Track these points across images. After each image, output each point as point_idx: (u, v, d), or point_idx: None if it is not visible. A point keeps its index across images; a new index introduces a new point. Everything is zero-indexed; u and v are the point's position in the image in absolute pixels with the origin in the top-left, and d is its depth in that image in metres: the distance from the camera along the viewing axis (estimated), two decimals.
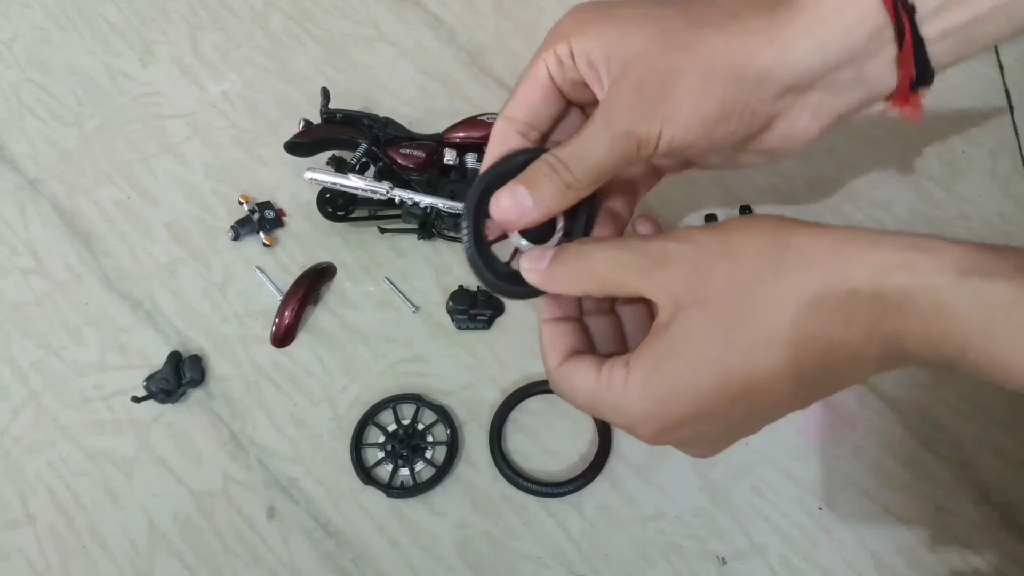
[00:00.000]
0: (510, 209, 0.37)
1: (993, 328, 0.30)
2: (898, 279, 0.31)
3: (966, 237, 0.55)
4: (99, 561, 0.51)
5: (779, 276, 0.33)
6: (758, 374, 0.33)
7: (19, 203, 0.62)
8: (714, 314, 0.33)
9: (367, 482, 0.51)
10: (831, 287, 0.32)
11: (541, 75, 0.39)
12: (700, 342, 0.34)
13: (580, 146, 0.37)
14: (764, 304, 0.33)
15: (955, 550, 0.48)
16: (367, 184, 0.54)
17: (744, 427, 0.37)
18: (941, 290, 0.31)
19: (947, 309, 0.31)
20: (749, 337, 0.33)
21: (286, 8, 0.68)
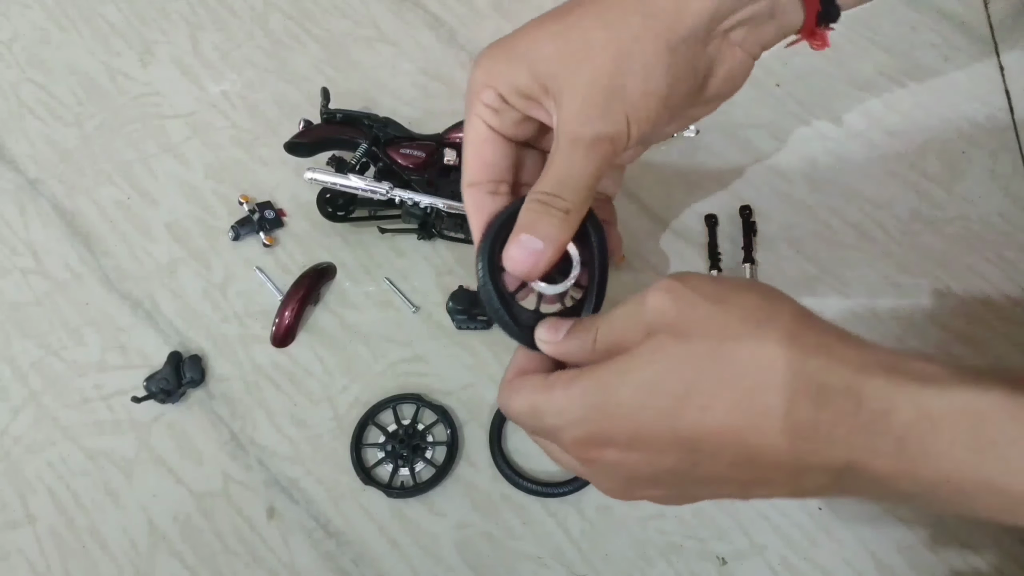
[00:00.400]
0: (524, 259, 0.37)
1: (982, 436, 0.29)
2: (879, 385, 0.30)
3: (966, 237, 0.56)
4: (99, 561, 0.51)
5: (753, 341, 0.32)
6: (703, 421, 0.32)
7: (19, 203, 0.62)
8: (681, 350, 0.32)
9: (367, 482, 0.51)
10: (800, 374, 0.31)
11: (482, 131, 0.40)
12: (659, 368, 0.32)
13: (560, 171, 0.37)
14: (739, 360, 0.32)
15: (955, 550, 0.48)
16: (367, 184, 0.54)
17: (672, 484, 0.35)
18: (925, 402, 0.30)
19: (930, 423, 0.30)
20: (704, 383, 0.32)
21: (286, 8, 0.68)
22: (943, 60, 0.63)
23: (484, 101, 0.39)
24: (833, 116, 0.61)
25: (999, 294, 0.54)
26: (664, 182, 0.60)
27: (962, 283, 0.55)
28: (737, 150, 0.60)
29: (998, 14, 0.65)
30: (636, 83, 0.36)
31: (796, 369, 0.31)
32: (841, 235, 0.57)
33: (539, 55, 0.37)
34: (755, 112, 0.62)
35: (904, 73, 0.62)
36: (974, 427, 0.29)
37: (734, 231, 0.57)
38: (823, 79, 0.63)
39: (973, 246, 0.56)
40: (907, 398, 0.30)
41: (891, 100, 0.62)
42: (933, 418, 0.30)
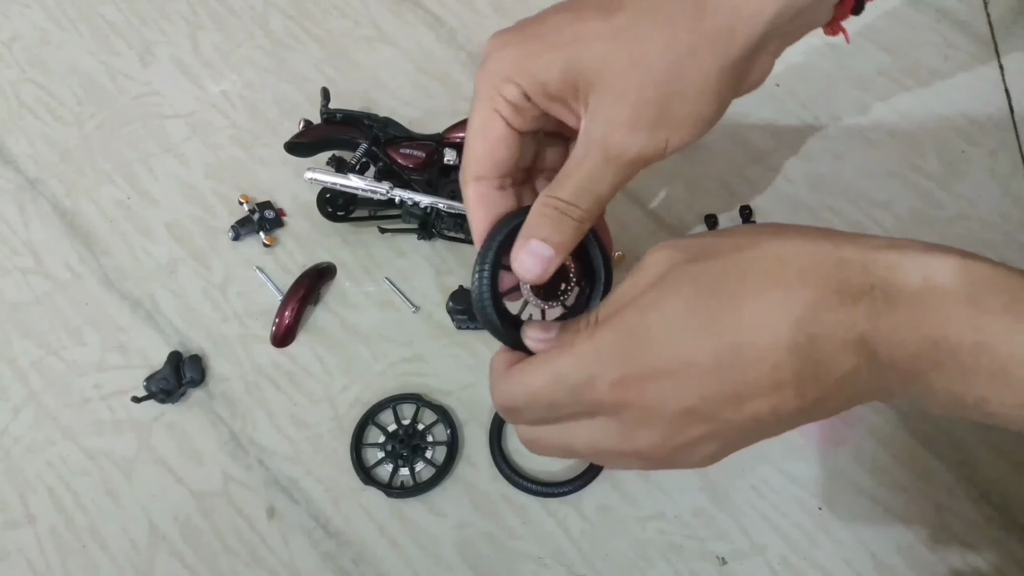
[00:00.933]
0: (533, 266, 0.36)
1: (982, 309, 0.30)
2: (885, 257, 0.31)
3: (966, 237, 0.56)
4: (99, 561, 0.51)
5: (772, 239, 0.32)
6: (741, 326, 0.31)
7: (19, 203, 0.62)
8: (704, 266, 0.32)
9: (367, 482, 0.51)
10: (819, 257, 0.32)
11: (498, 129, 0.38)
12: (687, 288, 0.32)
13: (583, 180, 0.36)
14: (754, 262, 0.32)
15: (955, 550, 0.48)
16: (367, 184, 0.54)
17: (724, 410, 0.32)
18: (930, 269, 0.31)
19: (933, 289, 0.31)
20: (737, 289, 0.31)
21: (286, 8, 0.68)
22: (943, 60, 0.63)
23: (506, 96, 0.37)
24: (833, 116, 0.61)
25: None
26: (664, 182, 0.60)
27: None
28: (737, 150, 0.60)
29: (998, 14, 0.65)
30: (686, 103, 0.35)
31: (823, 253, 0.32)
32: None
33: (583, 54, 0.35)
34: (755, 112, 0.62)
35: (904, 73, 0.62)
36: (970, 292, 0.30)
37: None
38: (823, 79, 0.63)
39: (973, 246, 0.55)
40: (914, 264, 0.31)
41: (891, 100, 0.62)
42: (934, 286, 0.31)
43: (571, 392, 0.34)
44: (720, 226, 0.57)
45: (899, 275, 0.31)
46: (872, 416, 0.51)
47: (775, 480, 0.50)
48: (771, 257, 0.32)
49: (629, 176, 0.37)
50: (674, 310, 0.32)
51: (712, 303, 0.32)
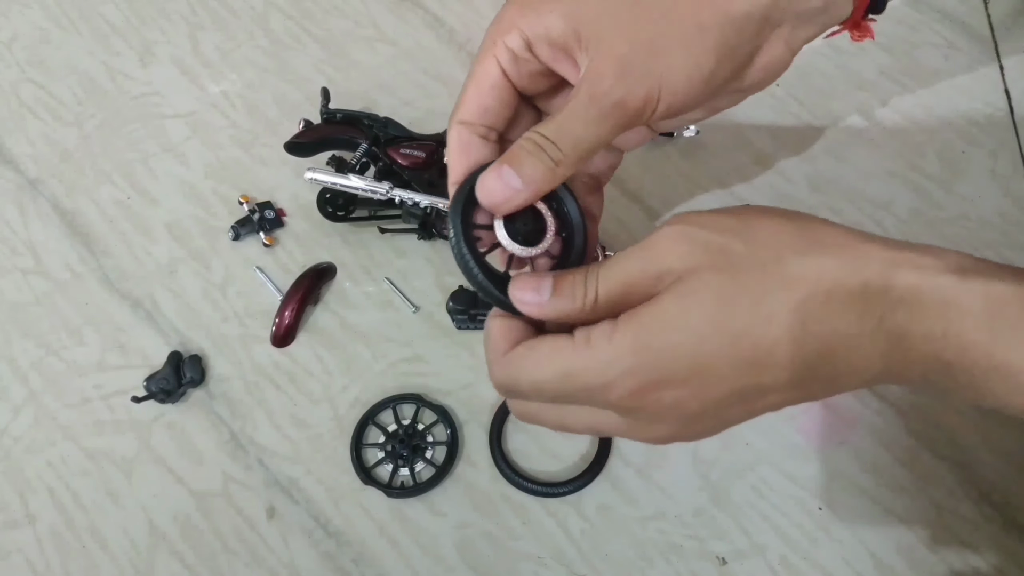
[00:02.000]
0: (497, 191, 0.35)
1: (996, 325, 0.30)
2: (906, 276, 0.31)
3: (966, 237, 0.56)
4: (99, 561, 0.51)
5: (796, 258, 0.32)
6: (764, 343, 0.32)
7: (19, 203, 0.62)
8: (728, 279, 0.32)
9: (367, 482, 0.51)
10: (843, 278, 0.32)
11: (493, 73, 0.37)
12: (710, 301, 0.32)
13: (567, 121, 0.35)
14: (779, 281, 0.32)
15: (955, 550, 0.48)
16: (367, 184, 0.54)
17: (731, 408, 0.34)
18: (946, 288, 0.31)
19: (952, 306, 0.31)
20: (761, 307, 0.32)
21: (286, 8, 0.68)
22: (943, 60, 0.63)
23: (507, 43, 0.36)
24: (833, 116, 0.61)
25: None
26: (664, 182, 0.60)
27: None
28: (737, 150, 0.60)
29: (998, 14, 0.65)
30: (680, 52, 0.34)
31: (835, 280, 0.32)
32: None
33: (582, 7, 0.35)
34: (755, 112, 0.62)
35: (904, 73, 0.63)
36: (990, 311, 0.30)
37: None
38: (823, 79, 0.63)
39: (973, 246, 0.56)
40: (933, 285, 0.31)
41: (891, 100, 0.62)
42: (954, 304, 0.31)
43: (582, 390, 0.34)
44: None
45: (919, 310, 0.31)
46: (872, 416, 0.51)
47: (775, 480, 0.50)
48: (795, 278, 0.32)
49: (615, 127, 0.35)
50: (697, 326, 0.32)
51: (735, 323, 0.32)
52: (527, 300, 0.35)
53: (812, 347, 0.32)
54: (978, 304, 0.31)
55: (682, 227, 0.33)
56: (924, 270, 0.31)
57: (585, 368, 0.33)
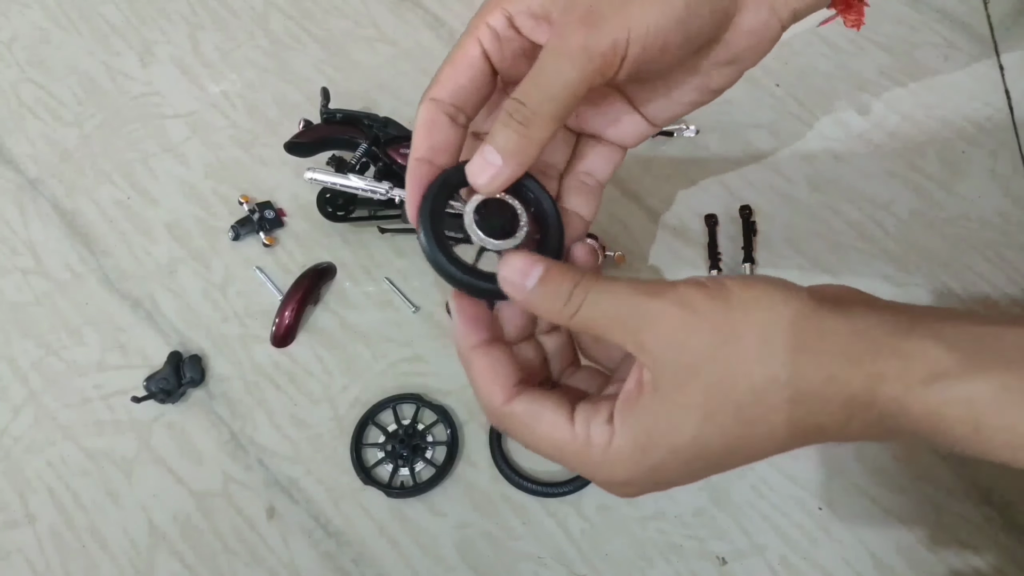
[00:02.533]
0: (477, 171, 0.35)
1: (982, 427, 0.30)
2: (891, 389, 0.31)
3: (966, 237, 0.56)
4: (99, 561, 0.51)
5: (787, 363, 0.32)
6: (759, 440, 0.33)
7: (19, 203, 0.62)
8: (710, 384, 0.32)
9: (367, 482, 0.51)
10: (829, 394, 0.32)
11: (472, 53, 0.37)
12: (707, 406, 0.32)
13: (534, 76, 0.34)
14: (772, 385, 0.32)
15: (955, 550, 0.48)
16: (367, 184, 0.54)
17: (717, 470, 0.35)
18: (931, 401, 0.31)
19: (937, 416, 0.31)
20: (756, 408, 0.32)
21: (286, 8, 0.68)
22: (943, 60, 0.63)
23: (490, 23, 0.36)
24: (833, 116, 0.61)
25: (999, 294, 0.54)
26: (664, 182, 0.60)
27: (962, 283, 0.55)
28: (737, 150, 0.60)
29: (998, 14, 0.65)
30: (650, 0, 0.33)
31: (821, 393, 0.32)
32: (841, 235, 0.57)
33: None
34: (755, 112, 0.62)
35: (904, 73, 0.62)
36: (976, 419, 0.30)
37: (734, 231, 0.57)
38: (823, 79, 0.63)
39: (973, 246, 0.56)
40: (917, 398, 0.31)
41: (891, 100, 0.62)
42: (932, 409, 0.31)
43: (579, 469, 0.35)
44: (720, 226, 0.57)
45: (906, 418, 0.31)
46: None
47: (775, 480, 0.50)
48: (785, 383, 0.32)
49: (584, 76, 0.34)
50: (696, 430, 0.32)
51: (733, 429, 0.32)
52: (514, 280, 0.34)
53: (802, 431, 0.33)
54: (962, 411, 0.30)
55: (681, 312, 0.32)
56: (910, 385, 0.31)
57: (583, 463, 0.34)
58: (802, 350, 0.32)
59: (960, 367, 0.31)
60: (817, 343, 0.32)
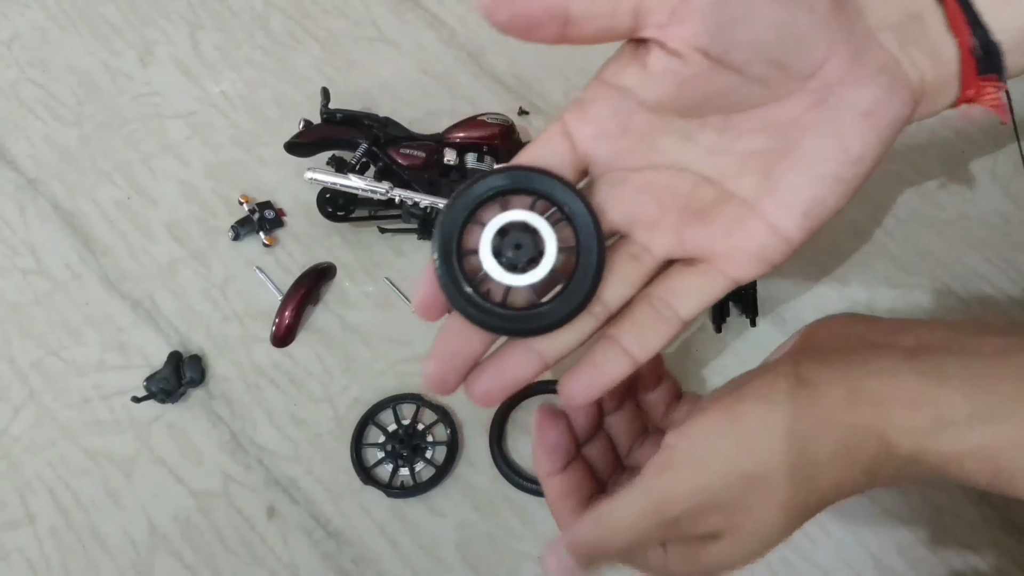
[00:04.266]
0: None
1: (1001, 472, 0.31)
2: (902, 440, 0.32)
3: (966, 237, 0.56)
4: (99, 561, 0.51)
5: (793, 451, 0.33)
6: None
7: (19, 203, 0.62)
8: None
9: (367, 482, 0.51)
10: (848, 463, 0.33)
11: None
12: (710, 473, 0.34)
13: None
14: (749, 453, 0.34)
15: (955, 550, 0.48)
16: (367, 184, 0.54)
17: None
18: (944, 452, 0.32)
19: (953, 462, 0.32)
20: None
21: (286, 8, 0.68)
22: None
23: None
24: None
25: (999, 294, 0.54)
26: None
27: (962, 283, 0.55)
28: None
29: None
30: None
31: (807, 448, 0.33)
32: (841, 235, 0.57)
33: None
34: None
35: None
36: (992, 464, 0.31)
37: None
38: None
39: (973, 246, 0.56)
40: (930, 449, 0.32)
41: None
42: (949, 459, 0.32)
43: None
44: None
45: (955, 470, 0.32)
46: None
47: None
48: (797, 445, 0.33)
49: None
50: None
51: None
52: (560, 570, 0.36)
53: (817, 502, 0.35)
54: (978, 460, 0.31)
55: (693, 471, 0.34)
56: (920, 439, 0.32)
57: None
58: (808, 433, 0.33)
59: (969, 414, 0.31)
60: (820, 417, 0.33)
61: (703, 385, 0.53)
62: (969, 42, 0.32)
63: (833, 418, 0.33)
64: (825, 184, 0.32)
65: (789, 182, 0.32)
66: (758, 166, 0.32)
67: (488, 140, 0.57)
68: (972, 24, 0.32)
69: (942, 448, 0.31)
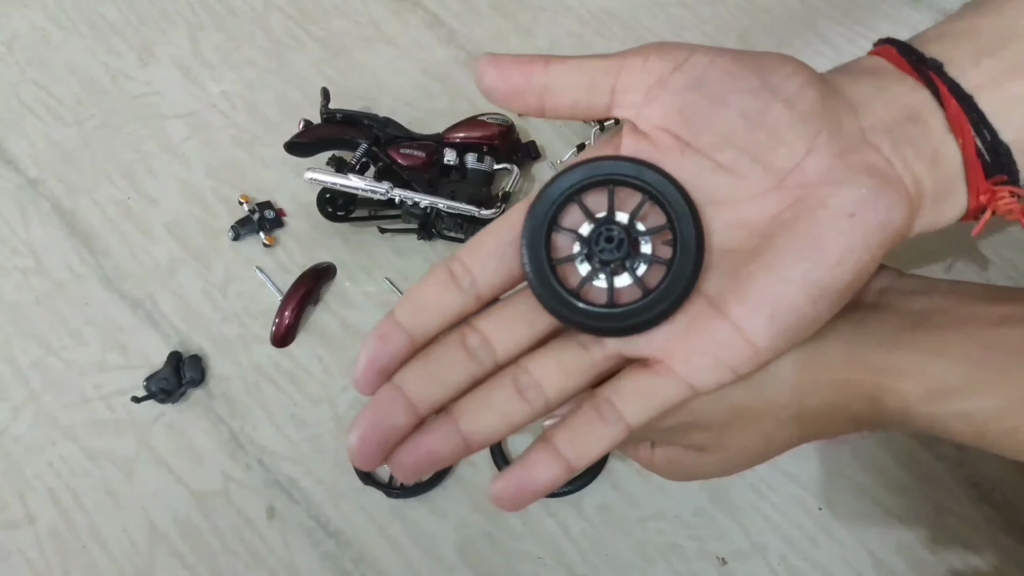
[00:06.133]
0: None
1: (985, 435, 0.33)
2: (893, 403, 0.33)
3: (966, 237, 0.55)
4: (99, 561, 0.51)
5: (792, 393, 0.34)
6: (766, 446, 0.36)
7: (19, 203, 0.62)
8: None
9: (367, 482, 0.51)
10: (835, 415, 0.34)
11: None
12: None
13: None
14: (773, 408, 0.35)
15: (955, 550, 0.48)
16: (367, 184, 0.54)
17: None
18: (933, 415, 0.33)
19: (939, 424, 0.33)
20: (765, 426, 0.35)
21: (286, 8, 0.68)
22: None
23: None
24: None
25: None
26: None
27: None
28: None
29: None
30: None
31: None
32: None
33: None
34: None
35: None
36: (976, 429, 0.32)
37: None
38: None
39: (973, 246, 0.56)
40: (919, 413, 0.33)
41: None
42: (936, 421, 0.33)
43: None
44: None
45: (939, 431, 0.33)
46: None
47: (775, 480, 0.50)
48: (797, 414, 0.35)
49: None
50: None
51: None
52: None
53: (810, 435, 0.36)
54: (964, 424, 0.32)
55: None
56: (909, 403, 0.33)
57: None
58: (805, 385, 0.34)
59: (960, 384, 0.32)
60: (818, 374, 0.34)
61: None
62: (973, 143, 0.31)
63: (830, 376, 0.33)
64: (797, 287, 0.29)
65: (757, 281, 0.29)
66: (728, 264, 0.30)
67: (488, 140, 0.57)
68: (976, 124, 0.31)
69: (931, 411, 0.32)
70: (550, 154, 0.61)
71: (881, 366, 0.33)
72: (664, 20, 0.65)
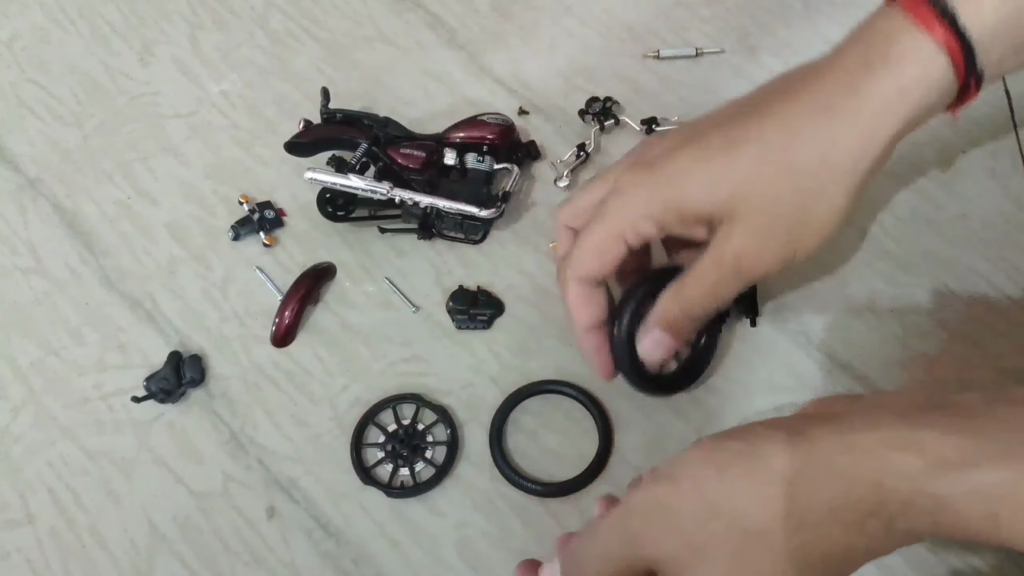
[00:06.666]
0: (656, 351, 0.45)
1: (1000, 519, 0.30)
2: (897, 484, 0.32)
3: (966, 237, 0.56)
4: (99, 561, 0.51)
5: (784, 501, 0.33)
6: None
7: (19, 203, 0.62)
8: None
9: (367, 482, 0.51)
10: (837, 516, 0.33)
11: (619, 251, 0.43)
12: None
13: (711, 287, 0.41)
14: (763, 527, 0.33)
15: (955, 550, 0.48)
16: (367, 184, 0.54)
17: None
18: (940, 495, 0.31)
19: (949, 507, 0.31)
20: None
21: (286, 8, 0.68)
22: None
23: (640, 230, 0.42)
24: None
25: (999, 294, 0.54)
26: None
27: (962, 283, 0.55)
28: None
29: None
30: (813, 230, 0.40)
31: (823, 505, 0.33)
32: (841, 235, 0.57)
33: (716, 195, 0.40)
34: None
35: None
36: (989, 507, 0.30)
37: None
38: None
39: (973, 246, 0.56)
40: (925, 492, 0.31)
41: None
42: (943, 502, 0.31)
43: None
44: None
45: (949, 515, 0.32)
46: None
47: None
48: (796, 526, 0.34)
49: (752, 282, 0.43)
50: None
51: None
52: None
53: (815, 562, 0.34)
54: (977, 502, 0.30)
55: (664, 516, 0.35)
56: (915, 478, 0.31)
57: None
58: (796, 484, 0.33)
59: (969, 456, 0.31)
60: (811, 475, 0.33)
61: (702, 385, 0.53)
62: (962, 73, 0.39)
63: (829, 465, 0.33)
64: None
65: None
66: None
67: (488, 140, 0.57)
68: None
69: (937, 491, 0.31)
70: (550, 154, 0.61)
71: (875, 443, 0.32)
72: (664, 20, 0.66)
